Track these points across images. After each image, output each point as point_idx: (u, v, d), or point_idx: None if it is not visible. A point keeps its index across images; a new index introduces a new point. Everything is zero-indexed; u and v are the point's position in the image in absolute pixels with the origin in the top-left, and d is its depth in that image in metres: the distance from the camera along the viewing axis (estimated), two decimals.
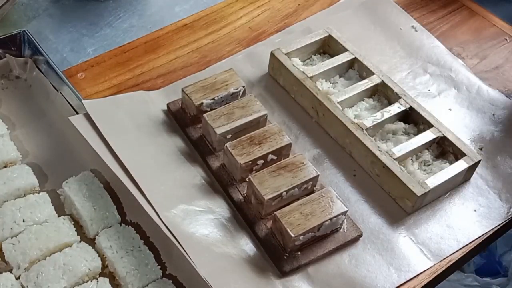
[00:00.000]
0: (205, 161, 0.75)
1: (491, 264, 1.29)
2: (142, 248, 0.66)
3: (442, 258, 0.69)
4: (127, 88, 0.84)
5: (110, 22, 0.94)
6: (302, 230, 0.65)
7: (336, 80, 0.83)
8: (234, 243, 0.68)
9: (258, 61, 0.87)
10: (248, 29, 0.93)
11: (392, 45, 0.91)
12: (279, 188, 0.68)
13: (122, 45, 0.90)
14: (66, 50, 0.89)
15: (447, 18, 0.97)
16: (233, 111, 0.75)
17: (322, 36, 0.85)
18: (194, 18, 0.94)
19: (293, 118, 0.82)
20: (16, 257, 0.64)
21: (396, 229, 0.71)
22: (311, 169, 0.70)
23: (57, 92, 0.80)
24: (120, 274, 0.64)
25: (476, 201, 0.74)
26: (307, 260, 0.67)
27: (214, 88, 0.78)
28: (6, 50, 0.83)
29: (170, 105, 0.80)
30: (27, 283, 0.63)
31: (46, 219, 0.68)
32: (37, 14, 0.94)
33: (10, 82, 0.83)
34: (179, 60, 0.88)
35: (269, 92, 0.84)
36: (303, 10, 0.96)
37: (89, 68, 0.86)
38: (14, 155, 0.73)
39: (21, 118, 0.79)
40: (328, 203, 0.68)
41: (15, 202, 0.68)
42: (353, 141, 0.76)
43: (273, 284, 0.66)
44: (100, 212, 0.68)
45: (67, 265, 0.64)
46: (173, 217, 0.68)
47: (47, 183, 0.73)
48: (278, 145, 0.72)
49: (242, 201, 0.71)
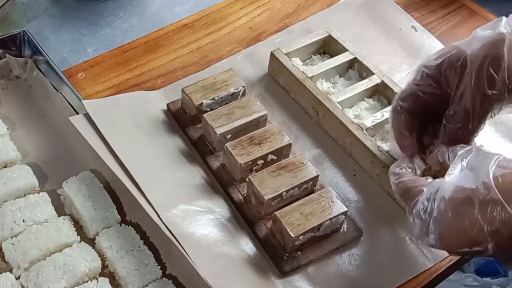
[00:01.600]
0: (205, 161, 0.75)
1: (491, 264, 1.29)
2: (142, 248, 0.66)
3: (442, 258, 0.69)
4: (127, 88, 0.84)
5: (110, 22, 0.94)
6: (302, 230, 0.65)
7: (336, 80, 0.83)
8: (234, 243, 0.68)
9: (258, 61, 0.87)
10: (248, 29, 0.93)
11: (392, 45, 0.91)
12: (279, 188, 0.68)
13: (122, 45, 0.90)
14: (66, 50, 0.89)
15: (447, 18, 0.97)
16: (233, 111, 0.75)
17: (322, 36, 0.85)
18: (194, 18, 0.94)
19: (293, 118, 0.82)
20: (16, 257, 0.64)
21: (396, 229, 0.71)
22: (311, 169, 0.70)
23: (57, 92, 0.80)
24: (120, 274, 0.64)
25: None
26: (307, 260, 0.67)
27: (214, 88, 0.78)
28: (6, 50, 0.82)
29: (170, 105, 0.80)
30: (27, 283, 0.62)
31: (46, 219, 0.68)
32: (37, 14, 0.94)
33: (10, 82, 0.82)
34: (179, 60, 0.88)
35: (269, 92, 0.84)
36: (303, 10, 0.96)
37: (89, 68, 0.86)
38: (14, 155, 0.73)
39: (21, 118, 0.79)
40: (328, 203, 0.68)
41: (15, 202, 0.68)
42: (353, 141, 0.76)
43: (273, 284, 0.66)
44: (100, 212, 0.68)
45: (67, 265, 0.63)
46: (173, 217, 0.68)
47: (47, 183, 0.73)
48: (278, 145, 0.72)
49: (242, 201, 0.72)
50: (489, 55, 0.57)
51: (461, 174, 0.53)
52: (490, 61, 0.57)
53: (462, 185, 0.52)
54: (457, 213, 0.51)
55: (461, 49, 0.59)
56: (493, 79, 0.57)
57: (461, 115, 0.59)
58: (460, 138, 0.59)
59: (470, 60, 0.58)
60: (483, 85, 0.57)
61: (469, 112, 0.58)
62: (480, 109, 0.58)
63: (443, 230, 0.52)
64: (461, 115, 0.59)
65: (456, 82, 0.59)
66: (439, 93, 0.61)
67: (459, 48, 0.60)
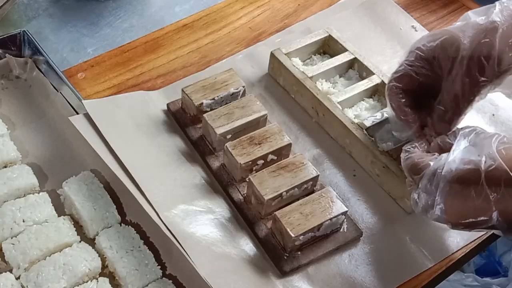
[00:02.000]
0: (205, 161, 0.75)
1: (491, 264, 1.29)
2: (142, 248, 0.66)
3: (442, 258, 0.69)
4: (127, 88, 0.84)
5: (110, 22, 0.94)
6: (302, 230, 0.65)
7: (336, 80, 0.83)
8: (234, 243, 0.68)
9: (258, 61, 0.87)
10: (248, 29, 0.93)
11: (392, 45, 0.91)
12: (279, 188, 0.68)
13: (122, 45, 0.90)
14: (66, 50, 0.89)
15: (447, 18, 0.97)
16: (233, 111, 0.75)
17: (322, 36, 0.85)
18: (194, 18, 0.94)
19: (293, 118, 0.82)
20: (16, 257, 0.64)
21: (396, 229, 0.71)
22: (311, 169, 0.70)
23: (57, 92, 0.80)
24: (120, 274, 0.64)
25: None
26: (307, 260, 0.67)
27: (214, 88, 0.78)
28: (6, 50, 0.82)
29: (170, 105, 0.80)
30: (27, 283, 0.63)
31: (46, 219, 0.68)
32: (37, 14, 0.94)
33: (10, 82, 0.83)
34: (179, 60, 0.88)
35: (269, 92, 0.84)
36: (303, 10, 0.96)
37: (89, 68, 0.86)
38: (14, 155, 0.73)
39: (21, 118, 0.79)
40: (328, 203, 0.68)
41: (15, 202, 0.68)
42: (353, 141, 0.76)
43: (273, 284, 0.66)
44: (100, 212, 0.68)
45: (67, 265, 0.64)
46: (173, 217, 0.68)
47: (47, 183, 0.73)
48: (278, 145, 0.72)
49: (242, 201, 0.72)
50: (481, 43, 0.59)
51: (465, 149, 0.56)
52: (482, 49, 0.59)
53: (468, 157, 0.54)
54: (463, 183, 0.54)
55: (455, 34, 0.61)
56: (483, 67, 0.60)
57: (451, 99, 0.62)
58: (448, 121, 0.62)
59: (463, 48, 0.60)
60: (474, 73, 0.60)
61: (458, 97, 0.61)
62: (469, 94, 0.61)
63: (449, 200, 0.55)
64: (451, 98, 0.62)
65: (448, 67, 0.61)
66: (432, 75, 0.63)
67: (452, 34, 0.61)
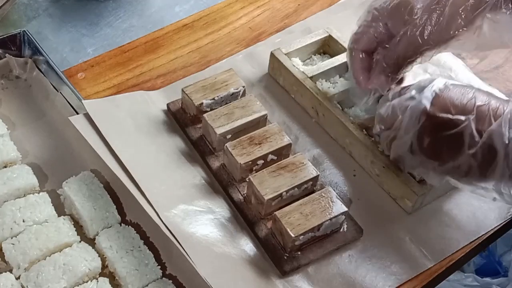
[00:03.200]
0: (205, 161, 0.75)
1: (491, 264, 1.29)
2: (142, 248, 0.66)
3: (442, 258, 0.69)
4: (127, 88, 0.84)
5: (110, 22, 0.94)
6: (302, 230, 0.65)
7: (336, 80, 0.83)
8: (234, 243, 0.68)
9: (258, 61, 0.87)
10: (248, 29, 0.93)
11: None
12: (279, 188, 0.68)
13: (122, 45, 0.90)
14: (66, 50, 0.89)
15: None
16: (233, 111, 0.75)
17: (322, 36, 0.85)
18: (194, 18, 0.94)
19: (293, 118, 0.82)
20: (16, 257, 0.64)
21: (396, 229, 0.71)
22: (311, 169, 0.70)
23: (57, 92, 0.80)
24: (120, 274, 0.64)
25: (476, 201, 0.74)
26: (307, 260, 0.67)
27: (214, 88, 0.78)
28: (6, 50, 0.82)
29: (170, 105, 0.80)
30: (27, 283, 0.63)
31: (46, 219, 0.68)
32: (37, 14, 0.94)
33: (10, 82, 0.83)
34: (179, 60, 0.88)
35: (269, 92, 0.84)
36: (303, 10, 0.96)
37: (89, 68, 0.86)
38: (14, 155, 0.73)
39: (21, 118, 0.79)
40: (328, 203, 0.68)
41: (15, 202, 0.68)
42: (353, 141, 0.76)
43: (273, 284, 0.66)
44: (100, 212, 0.69)
45: (67, 265, 0.64)
46: (173, 217, 0.68)
47: (47, 183, 0.73)
48: (278, 145, 0.72)
49: (242, 201, 0.72)
50: (432, 8, 0.63)
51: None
52: (432, 14, 0.63)
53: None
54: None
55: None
56: (430, 31, 0.63)
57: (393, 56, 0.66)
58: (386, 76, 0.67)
59: (415, 11, 0.64)
60: (422, 35, 0.64)
61: (399, 57, 0.65)
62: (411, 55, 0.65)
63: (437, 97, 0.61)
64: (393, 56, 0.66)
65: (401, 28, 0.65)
66: (388, 34, 0.67)
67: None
